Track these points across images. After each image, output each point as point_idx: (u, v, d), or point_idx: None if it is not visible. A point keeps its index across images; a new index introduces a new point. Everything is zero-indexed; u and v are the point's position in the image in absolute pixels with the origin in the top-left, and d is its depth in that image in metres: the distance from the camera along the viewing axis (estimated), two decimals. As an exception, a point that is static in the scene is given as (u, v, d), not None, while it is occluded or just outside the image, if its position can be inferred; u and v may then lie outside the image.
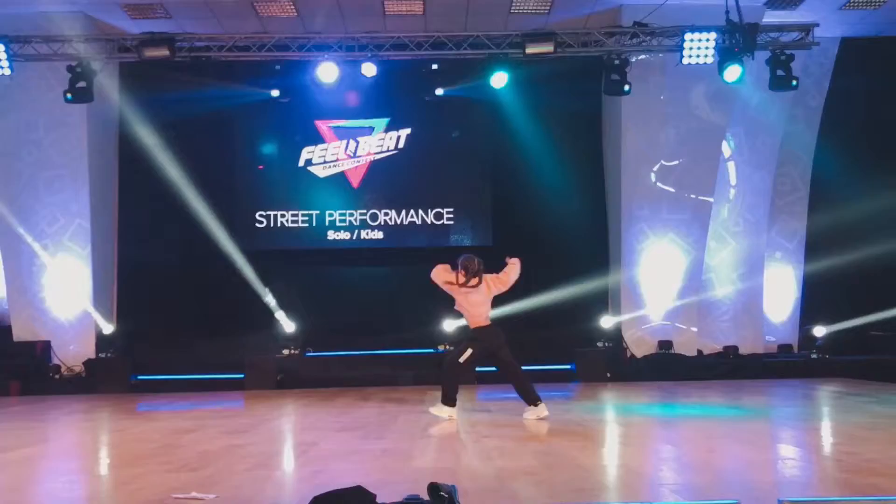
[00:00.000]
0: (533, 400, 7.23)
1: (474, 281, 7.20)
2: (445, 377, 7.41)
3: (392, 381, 11.23)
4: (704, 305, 12.63)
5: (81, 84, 10.64)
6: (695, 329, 12.30)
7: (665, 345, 12.07)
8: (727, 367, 11.88)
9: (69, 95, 10.66)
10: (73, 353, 11.95)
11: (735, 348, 12.41)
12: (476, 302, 7.27)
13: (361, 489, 2.23)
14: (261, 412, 8.32)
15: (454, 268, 7.25)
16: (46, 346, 11.87)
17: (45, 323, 12.00)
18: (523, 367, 7.51)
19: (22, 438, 6.72)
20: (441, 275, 7.28)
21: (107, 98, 12.08)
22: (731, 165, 12.85)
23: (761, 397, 9.32)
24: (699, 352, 12.31)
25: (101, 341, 11.94)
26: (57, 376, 11.62)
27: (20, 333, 11.98)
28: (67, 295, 11.99)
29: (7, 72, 10.35)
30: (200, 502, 3.66)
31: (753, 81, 11.47)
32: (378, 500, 2.59)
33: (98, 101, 11.47)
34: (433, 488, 2.07)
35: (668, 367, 11.73)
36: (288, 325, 12.04)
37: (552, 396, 9.59)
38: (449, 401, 7.27)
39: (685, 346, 12.15)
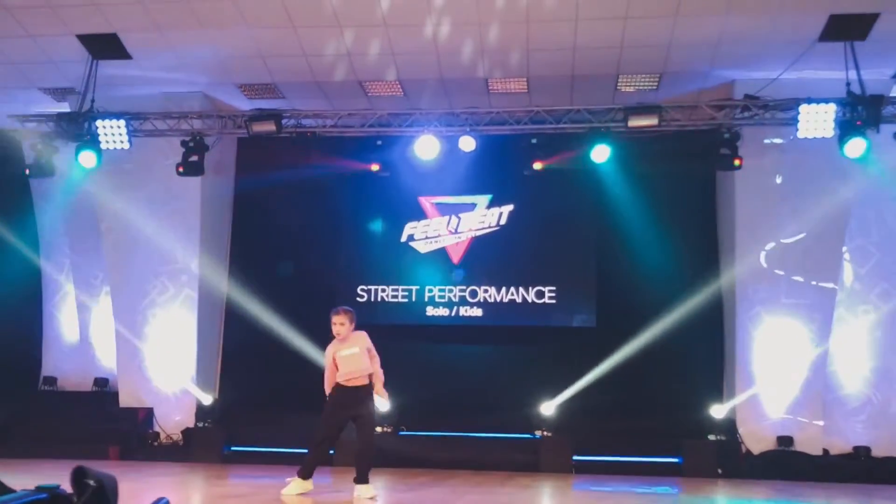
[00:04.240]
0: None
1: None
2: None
3: (485, 464, 10.71)
4: (831, 400, 11.52)
5: (193, 158, 11.07)
6: (820, 423, 11.19)
7: (785, 441, 11.02)
8: (858, 470, 10.70)
9: (181, 169, 11.11)
10: (176, 421, 12.12)
11: (867, 449, 11.18)
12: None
13: None
14: (325, 485, 8.04)
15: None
16: (149, 413, 12.11)
17: (149, 391, 12.25)
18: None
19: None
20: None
21: (223, 171, 12.57)
22: (857, 246, 11.87)
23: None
24: (825, 451, 11.17)
25: (201, 411, 12.06)
26: (156, 443, 11.78)
27: (126, 400, 12.27)
28: (173, 364, 12.24)
29: (126, 146, 10.88)
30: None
31: (883, 157, 10.65)
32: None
33: (215, 174, 11.93)
34: (78, 472, 1.69)
35: (788, 466, 10.68)
36: (383, 404, 11.77)
37: (653, 492, 8.86)
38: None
39: (808, 443, 11.05)
